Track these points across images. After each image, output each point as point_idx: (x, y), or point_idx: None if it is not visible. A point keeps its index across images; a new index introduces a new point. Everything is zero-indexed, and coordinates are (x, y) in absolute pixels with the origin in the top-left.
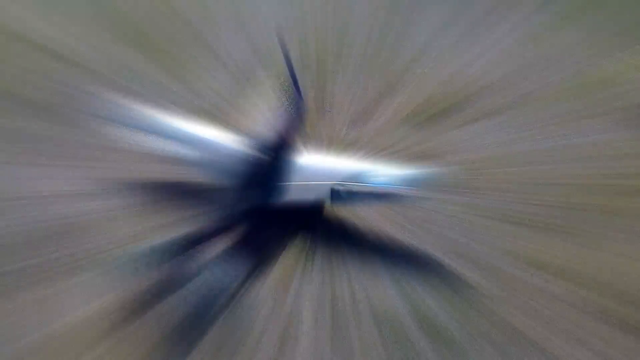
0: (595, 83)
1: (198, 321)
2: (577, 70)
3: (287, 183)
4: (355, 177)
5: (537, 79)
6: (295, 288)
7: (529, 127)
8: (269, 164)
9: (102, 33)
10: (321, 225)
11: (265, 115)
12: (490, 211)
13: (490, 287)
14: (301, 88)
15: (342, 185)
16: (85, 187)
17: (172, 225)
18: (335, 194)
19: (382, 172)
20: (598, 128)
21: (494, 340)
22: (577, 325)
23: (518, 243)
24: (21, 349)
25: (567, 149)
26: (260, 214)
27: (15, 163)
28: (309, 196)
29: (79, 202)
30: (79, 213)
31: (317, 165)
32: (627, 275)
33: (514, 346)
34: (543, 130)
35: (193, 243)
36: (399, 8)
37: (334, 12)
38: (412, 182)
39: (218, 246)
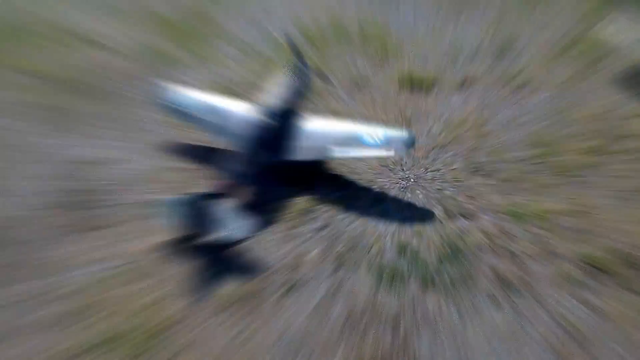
0: (583, 46)
1: (220, 261)
2: (564, 34)
3: (294, 145)
4: (353, 139)
5: (522, 45)
6: (303, 230)
7: (499, 95)
8: (279, 128)
9: (140, 27)
10: (323, 179)
11: (275, 88)
12: (465, 164)
13: (469, 229)
14: (306, 64)
15: (342, 144)
16: (125, 153)
17: (200, 181)
18: (336, 153)
19: (375, 133)
20: (580, 90)
21: (470, 282)
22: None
23: (487, 191)
24: (94, 275)
25: (536, 111)
26: (272, 171)
27: (65, 135)
28: (314, 155)
29: (122, 164)
30: (122, 173)
31: (320, 127)
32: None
33: (492, 284)
34: (518, 95)
35: (217, 195)
36: None
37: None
38: (401, 142)
39: (237, 197)
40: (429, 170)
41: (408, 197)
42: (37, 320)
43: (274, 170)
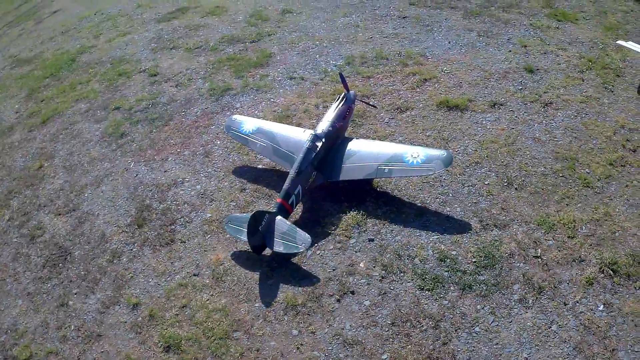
0: (601, 65)
1: (282, 270)
2: (583, 55)
3: (343, 166)
4: (396, 159)
5: (546, 67)
6: (353, 242)
7: (527, 114)
8: (329, 151)
9: (202, 61)
10: (370, 196)
11: (324, 113)
12: (497, 179)
13: (502, 238)
14: (352, 91)
15: (386, 164)
16: (195, 176)
17: (260, 200)
18: (381, 172)
19: (416, 153)
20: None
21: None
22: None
23: (518, 203)
24: (169, 284)
25: (561, 127)
26: (325, 190)
27: (142, 162)
28: (361, 175)
29: (192, 186)
30: (193, 194)
31: (365, 149)
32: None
33: (523, 288)
34: (544, 113)
35: (278, 212)
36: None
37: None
38: (439, 160)
39: (293, 214)
40: (466, 185)
41: (447, 210)
42: (117, 325)
43: (324, 190)
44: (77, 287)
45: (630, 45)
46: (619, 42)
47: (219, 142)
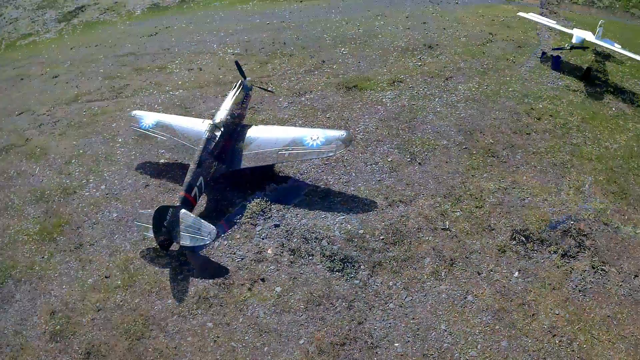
0: (500, 38)
1: (191, 264)
2: (482, 30)
3: (244, 154)
4: (296, 142)
5: (445, 43)
6: (260, 229)
7: (427, 89)
8: (228, 140)
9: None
10: (273, 182)
11: (222, 103)
12: (400, 155)
13: (409, 214)
14: (248, 78)
15: (286, 149)
16: (100, 176)
17: (164, 195)
18: (281, 157)
19: (316, 135)
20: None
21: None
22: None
23: (422, 178)
24: (83, 287)
25: (462, 100)
26: (227, 179)
27: (45, 167)
28: (262, 161)
29: (98, 187)
30: (99, 195)
31: (265, 135)
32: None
33: (434, 261)
34: (444, 88)
35: (182, 206)
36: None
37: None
38: (340, 141)
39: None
40: (368, 163)
41: (351, 190)
42: (37, 336)
43: (228, 179)
44: None
45: (532, 16)
46: (521, 14)
47: (120, 140)
